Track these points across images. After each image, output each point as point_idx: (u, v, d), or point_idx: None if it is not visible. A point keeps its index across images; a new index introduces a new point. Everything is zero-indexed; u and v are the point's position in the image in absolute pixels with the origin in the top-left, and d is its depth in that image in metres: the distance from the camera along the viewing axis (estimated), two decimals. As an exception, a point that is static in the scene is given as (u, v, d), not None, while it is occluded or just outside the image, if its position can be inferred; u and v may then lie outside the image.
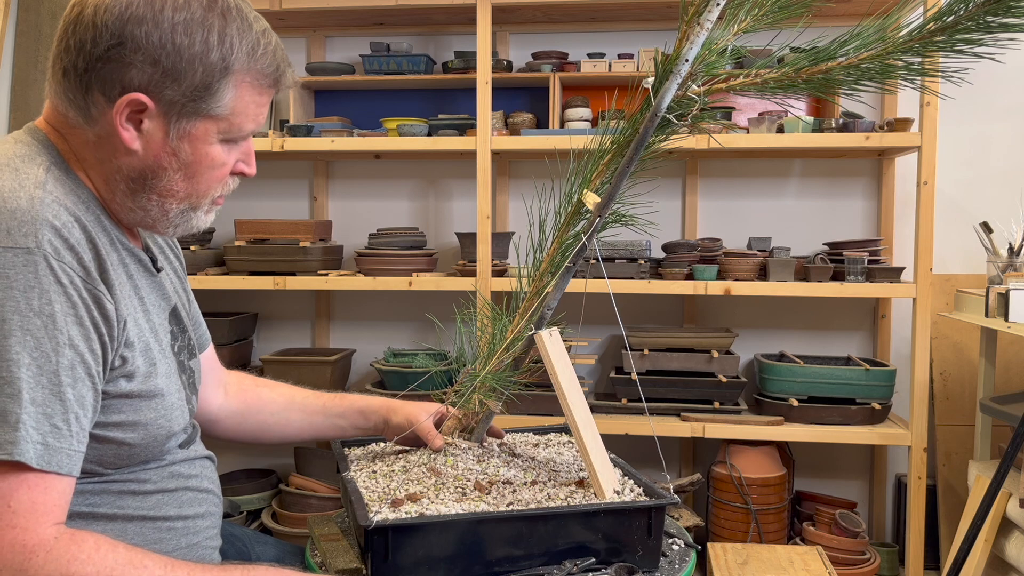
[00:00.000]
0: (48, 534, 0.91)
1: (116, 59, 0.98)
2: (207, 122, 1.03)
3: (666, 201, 2.89)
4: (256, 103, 1.07)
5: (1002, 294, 2.20)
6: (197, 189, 1.07)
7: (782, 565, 2.12)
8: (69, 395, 0.94)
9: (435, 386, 1.43)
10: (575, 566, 1.11)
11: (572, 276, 1.29)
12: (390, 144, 2.65)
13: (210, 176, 1.07)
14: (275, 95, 1.11)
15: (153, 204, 1.06)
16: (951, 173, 2.76)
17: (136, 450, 1.06)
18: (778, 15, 1.21)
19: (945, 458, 2.71)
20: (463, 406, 1.36)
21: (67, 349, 0.94)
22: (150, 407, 1.06)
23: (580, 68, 2.73)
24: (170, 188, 1.05)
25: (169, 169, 1.04)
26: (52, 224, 0.95)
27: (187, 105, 1.01)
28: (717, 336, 2.67)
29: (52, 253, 0.94)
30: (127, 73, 0.98)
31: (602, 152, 1.29)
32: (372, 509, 1.12)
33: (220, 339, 2.75)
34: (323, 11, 2.74)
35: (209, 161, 1.05)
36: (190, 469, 1.17)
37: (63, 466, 0.93)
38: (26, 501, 0.90)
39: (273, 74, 1.07)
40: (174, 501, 1.12)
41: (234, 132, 1.06)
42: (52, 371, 0.92)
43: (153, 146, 1.02)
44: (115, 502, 1.06)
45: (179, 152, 1.03)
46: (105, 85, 0.99)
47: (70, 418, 0.94)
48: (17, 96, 3.05)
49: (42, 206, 0.95)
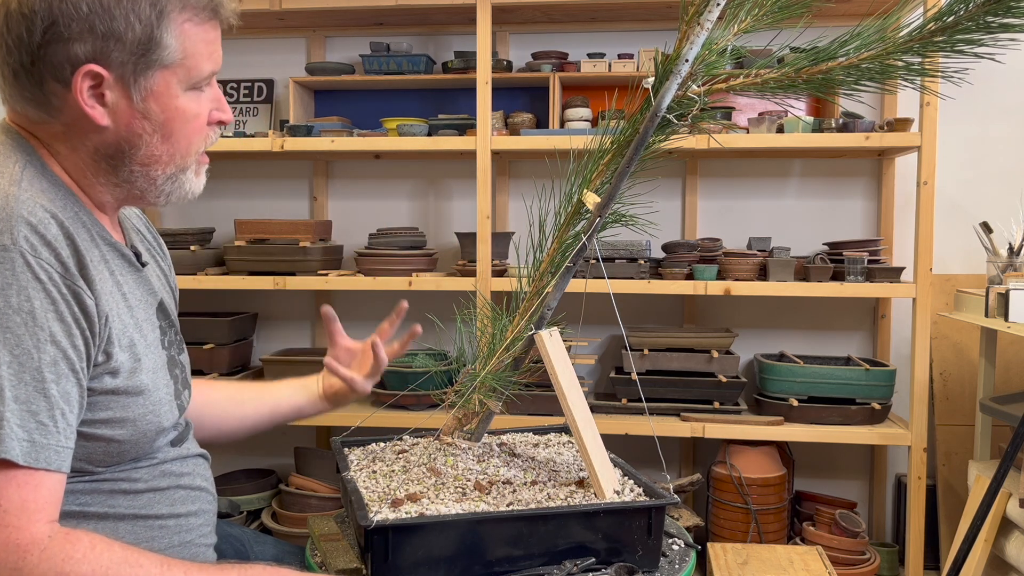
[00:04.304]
0: (42, 532, 0.91)
1: (55, 39, 0.98)
2: (164, 73, 1.02)
3: (666, 201, 2.90)
4: (204, 40, 1.05)
5: (1002, 294, 2.20)
6: (178, 148, 1.06)
7: (782, 565, 2.12)
8: (53, 391, 0.93)
9: (435, 386, 1.43)
10: (575, 566, 1.11)
11: (572, 276, 1.29)
12: (390, 144, 2.65)
13: (187, 130, 1.06)
14: (222, 26, 1.09)
15: (137, 175, 1.06)
16: (951, 173, 2.76)
17: (126, 447, 1.06)
18: (778, 15, 1.21)
19: (945, 458, 2.71)
20: (463, 406, 1.36)
21: (49, 345, 0.93)
22: (137, 403, 1.05)
23: (580, 68, 2.73)
24: (151, 154, 1.05)
25: (144, 134, 1.03)
26: (28, 220, 0.94)
27: (139, 62, 1.00)
28: (717, 336, 2.67)
29: (28, 249, 0.93)
30: (71, 49, 0.98)
31: (602, 152, 1.29)
32: (372, 509, 1.12)
33: (220, 339, 2.75)
34: (323, 11, 2.74)
35: (181, 115, 1.05)
36: (182, 467, 1.16)
37: (51, 462, 0.92)
38: (16, 500, 0.90)
39: (208, 5, 1.05)
40: (166, 499, 1.12)
41: (194, 77, 1.05)
42: (35, 368, 0.92)
43: (122, 116, 1.02)
44: (106, 501, 1.06)
45: (149, 114, 1.03)
46: (55, 70, 0.99)
47: (56, 414, 0.93)
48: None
49: (17, 203, 0.95)
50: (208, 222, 2.99)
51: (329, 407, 1.48)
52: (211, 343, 2.73)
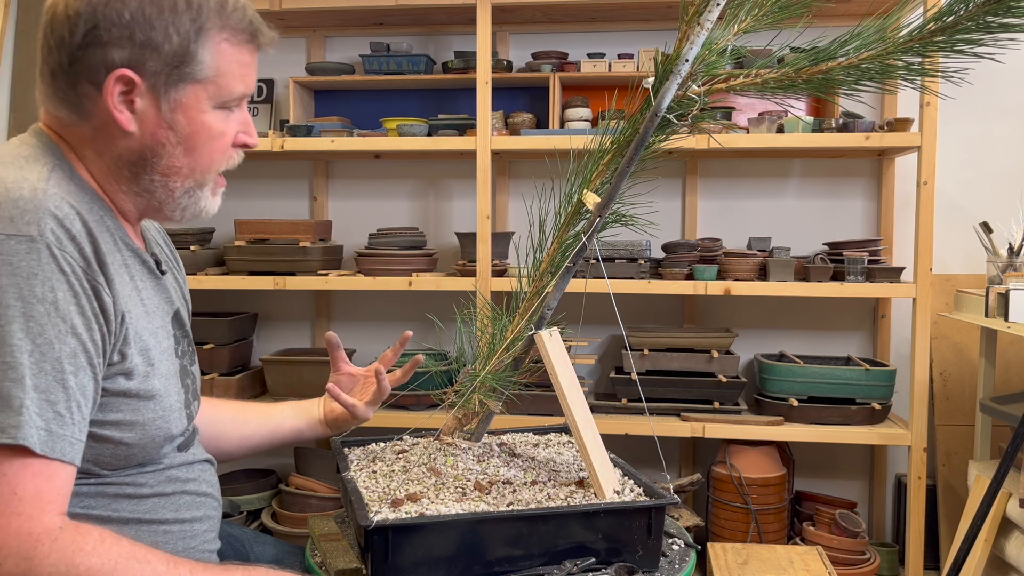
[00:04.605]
0: (53, 523, 0.91)
1: (95, 42, 1.01)
2: (195, 87, 1.04)
3: (666, 201, 2.89)
4: (239, 62, 1.08)
5: (1002, 294, 2.20)
6: (200, 162, 1.08)
7: (782, 565, 2.12)
8: (71, 383, 0.94)
9: (435, 386, 1.43)
10: (575, 566, 1.11)
11: (572, 276, 1.29)
12: (390, 144, 2.65)
13: (211, 147, 1.08)
14: (257, 52, 1.11)
15: (157, 185, 1.07)
16: (951, 173, 2.76)
17: (133, 450, 1.06)
18: (778, 15, 1.21)
19: (945, 458, 2.71)
20: (463, 406, 1.36)
21: (70, 337, 0.94)
22: (147, 407, 1.06)
23: (580, 68, 2.73)
24: (172, 165, 1.06)
25: (168, 144, 1.05)
26: (54, 214, 0.96)
27: (171, 73, 1.03)
28: (717, 336, 2.67)
29: (54, 241, 0.95)
30: (108, 54, 1.01)
31: (602, 152, 1.29)
32: (372, 509, 1.12)
33: (220, 339, 2.75)
34: (323, 11, 2.74)
35: (207, 131, 1.07)
36: (188, 473, 1.16)
37: (66, 453, 0.93)
38: (31, 488, 0.90)
39: (248, 28, 1.08)
40: (171, 505, 1.12)
41: (224, 96, 1.07)
42: (55, 358, 0.93)
43: (149, 124, 1.04)
44: (110, 505, 1.06)
45: (175, 125, 1.04)
46: (91, 72, 1.02)
47: (72, 406, 0.94)
48: (17, 96, 3.05)
49: (45, 196, 0.96)
50: (208, 222, 2.99)
51: (329, 432, 1.47)
52: (211, 343, 2.73)
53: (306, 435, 1.47)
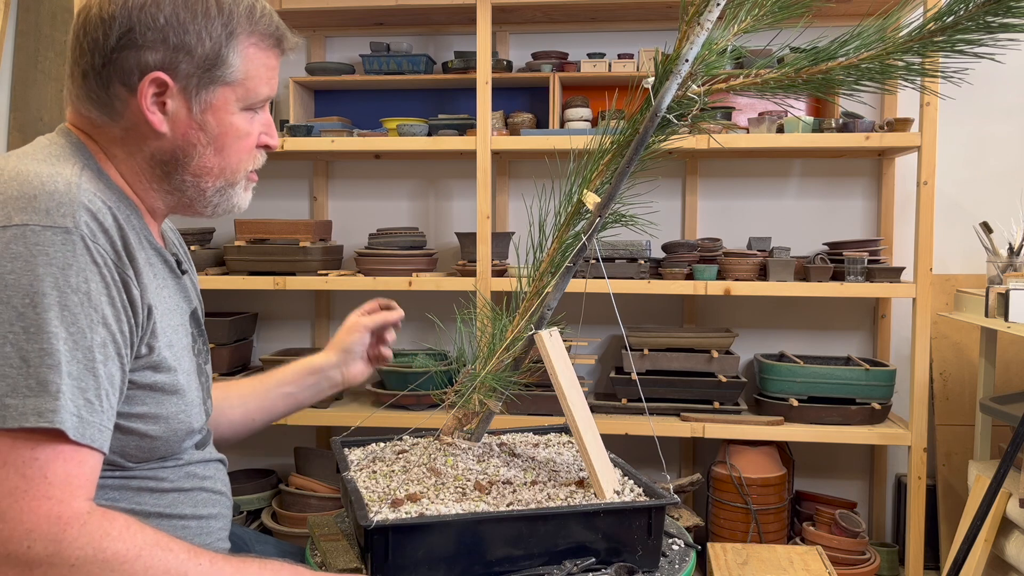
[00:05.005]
0: (82, 508, 0.93)
1: (129, 45, 1.04)
2: (225, 90, 1.09)
3: (666, 201, 2.90)
4: (266, 66, 1.12)
5: (1002, 294, 2.20)
6: (229, 162, 1.12)
7: (782, 565, 2.12)
8: (101, 372, 0.96)
9: (435, 386, 1.43)
10: (575, 566, 1.11)
11: (572, 276, 1.29)
12: (390, 144, 2.65)
13: (238, 147, 1.12)
14: (281, 56, 1.16)
15: (188, 184, 1.11)
16: (951, 173, 2.76)
17: (157, 443, 1.09)
18: (778, 15, 1.21)
19: (945, 458, 2.71)
20: (463, 406, 1.36)
21: (100, 327, 0.96)
22: (172, 401, 1.09)
23: (580, 68, 2.73)
24: (203, 165, 1.10)
25: (199, 145, 1.09)
26: (88, 207, 0.98)
27: (203, 76, 1.06)
28: (717, 336, 2.67)
29: (88, 234, 0.97)
30: (142, 57, 1.04)
31: (602, 152, 1.29)
32: (372, 509, 1.12)
33: (220, 339, 2.75)
34: (323, 11, 2.74)
35: (234, 131, 1.11)
36: (205, 470, 1.19)
37: (95, 440, 0.95)
38: (62, 473, 0.92)
39: (275, 33, 1.12)
40: (189, 500, 1.14)
41: (251, 98, 1.11)
42: (87, 347, 0.95)
43: (180, 125, 1.08)
44: (133, 498, 1.08)
45: (205, 126, 1.08)
46: (124, 74, 1.05)
47: (101, 394, 0.96)
48: (17, 96, 3.05)
49: (79, 191, 0.99)
50: (208, 222, 2.99)
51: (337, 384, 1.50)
52: (211, 343, 2.72)
53: (326, 371, 1.50)
